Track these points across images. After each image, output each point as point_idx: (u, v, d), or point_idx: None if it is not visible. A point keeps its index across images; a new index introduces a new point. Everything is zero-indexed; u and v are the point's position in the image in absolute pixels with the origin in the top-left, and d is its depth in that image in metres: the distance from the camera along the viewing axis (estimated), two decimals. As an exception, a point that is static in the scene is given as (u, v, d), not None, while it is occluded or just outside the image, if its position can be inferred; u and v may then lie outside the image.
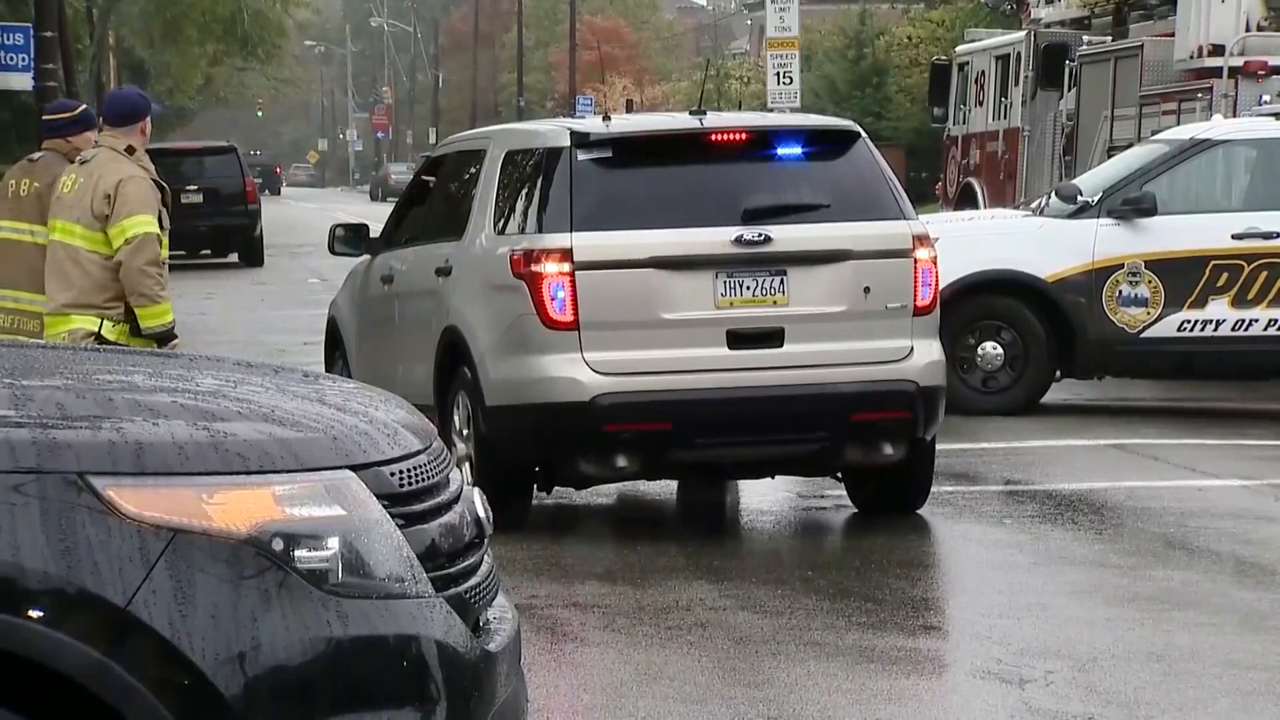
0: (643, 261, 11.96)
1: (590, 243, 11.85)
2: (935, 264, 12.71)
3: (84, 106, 14.43)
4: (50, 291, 12.06)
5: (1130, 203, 18.04)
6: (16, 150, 39.86)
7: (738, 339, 12.03)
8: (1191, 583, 11.65)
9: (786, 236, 12.09)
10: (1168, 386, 18.94)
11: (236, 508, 4.98)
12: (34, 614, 4.83)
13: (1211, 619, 10.76)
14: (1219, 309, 17.93)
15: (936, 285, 12.74)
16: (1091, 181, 19.35)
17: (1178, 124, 21.53)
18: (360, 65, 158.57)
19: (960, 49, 33.21)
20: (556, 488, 12.93)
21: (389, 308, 14.14)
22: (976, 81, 30.35)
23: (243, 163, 51.26)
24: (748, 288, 12.07)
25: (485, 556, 5.66)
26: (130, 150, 12.19)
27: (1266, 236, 17.94)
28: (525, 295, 11.91)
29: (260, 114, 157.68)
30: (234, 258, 48.21)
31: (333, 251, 15.02)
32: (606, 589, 11.22)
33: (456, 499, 5.58)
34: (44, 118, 14.58)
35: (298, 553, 4.98)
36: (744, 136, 13.30)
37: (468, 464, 12.32)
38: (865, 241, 12.34)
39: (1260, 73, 22.63)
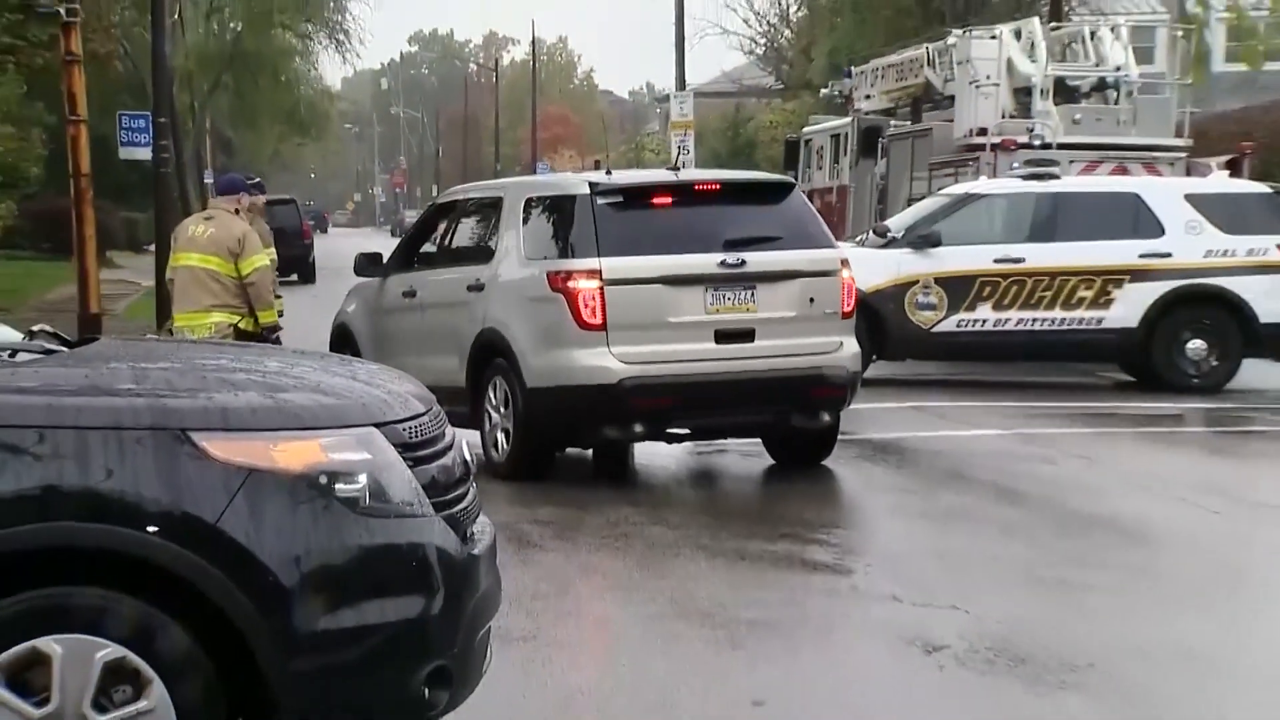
0: (652, 279, 11.69)
1: (613, 265, 11.58)
2: (854, 280, 12.58)
3: (258, 179, 16.44)
4: (196, 298, 12.97)
5: (924, 237, 18.12)
6: (143, 201, 39.52)
7: (722, 336, 11.84)
8: (966, 503, 11.70)
9: (756, 260, 11.88)
10: (950, 366, 19.01)
11: (294, 453, 5.03)
12: (151, 529, 4.86)
13: (979, 529, 10.83)
14: (985, 311, 18.03)
15: (855, 296, 12.60)
16: (897, 222, 19.39)
17: (955, 183, 21.60)
18: (383, 141, 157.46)
19: (805, 130, 33.13)
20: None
21: (412, 315, 13.69)
22: (817, 152, 30.36)
23: (300, 210, 50.78)
24: (729, 298, 11.87)
25: (471, 488, 5.68)
26: (236, 211, 13.25)
27: (1015, 260, 18.05)
28: (563, 304, 11.60)
29: (313, 175, 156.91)
30: (294, 277, 47.82)
31: (357, 274, 14.79)
32: (558, 511, 11.20)
33: (450, 447, 5.61)
34: (238, 185, 14.72)
35: (338, 485, 5.03)
36: (719, 186, 13.11)
37: (501, 432, 12.15)
38: (809, 264, 12.15)
39: (1011, 147, 22.74)
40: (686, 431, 12.32)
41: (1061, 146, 22.84)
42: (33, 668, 4.83)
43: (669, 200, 12.21)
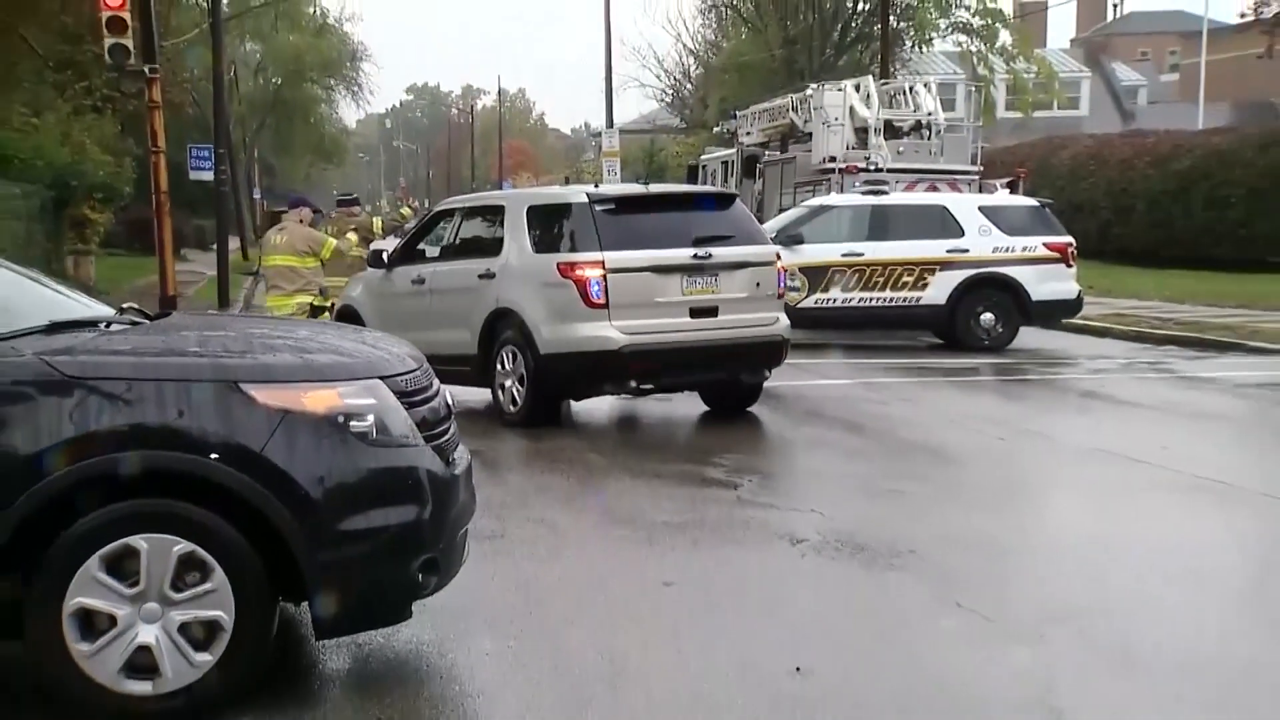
0: (643, 268, 11.36)
1: (613, 257, 11.25)
2: (784, 269, 12.45)
3: (355, 195, 18.01)
4: (283, 286, 14.24)
5: (791, 237, 18.08)
6: (208, 211, 39.09)
7: (694, 313, 11.56)
8: (823, 434, 11.76)
9: (719, 253, 11.64)
10: (812, 333, 19.00)
11: (319, 399, 5.01)
12: (214, 456, 4.84)
13: (832, 453, 10.88)
14: (836, 293, 18.07)
15: (784, 281, 12.46)
16: (771, 226, 19.25)
17: (813, 197, 21.64)
18: (388, 166, 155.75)
19: (703, 158, 33.12)
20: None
21: (421, 298, 13.07)
22: (711, 175, 30.32)
23: (326, 217, 49.93)
24: (699, 283, 11.58)
25: (452, 424, 5.65)
26: (302, 221, 14.65)
27: (856, 255, 18.09)
28: (572, 288, 11.25)
29: (334, 192, 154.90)
30: (322, 269, 47.47)
31: (369, 265, 14.48)
32: (519, 443, 11.19)
33: (436, 394, 5.59)
34: (338, 199, 17.26)
35: (352, 423, 5.02)
36: (684, 196, 13.02)
37: (514, 390, 11.76)
38: (755, 256, 11.94)
39: (853, 171, 22.83)
40: (650, 386, 11.97)
41: (890, 171, 22.98)
42: (126, 558, 4.83)
43: (649, 207, 11.94)
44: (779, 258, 12.28)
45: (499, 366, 11.97)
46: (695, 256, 11.58)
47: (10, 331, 5.03)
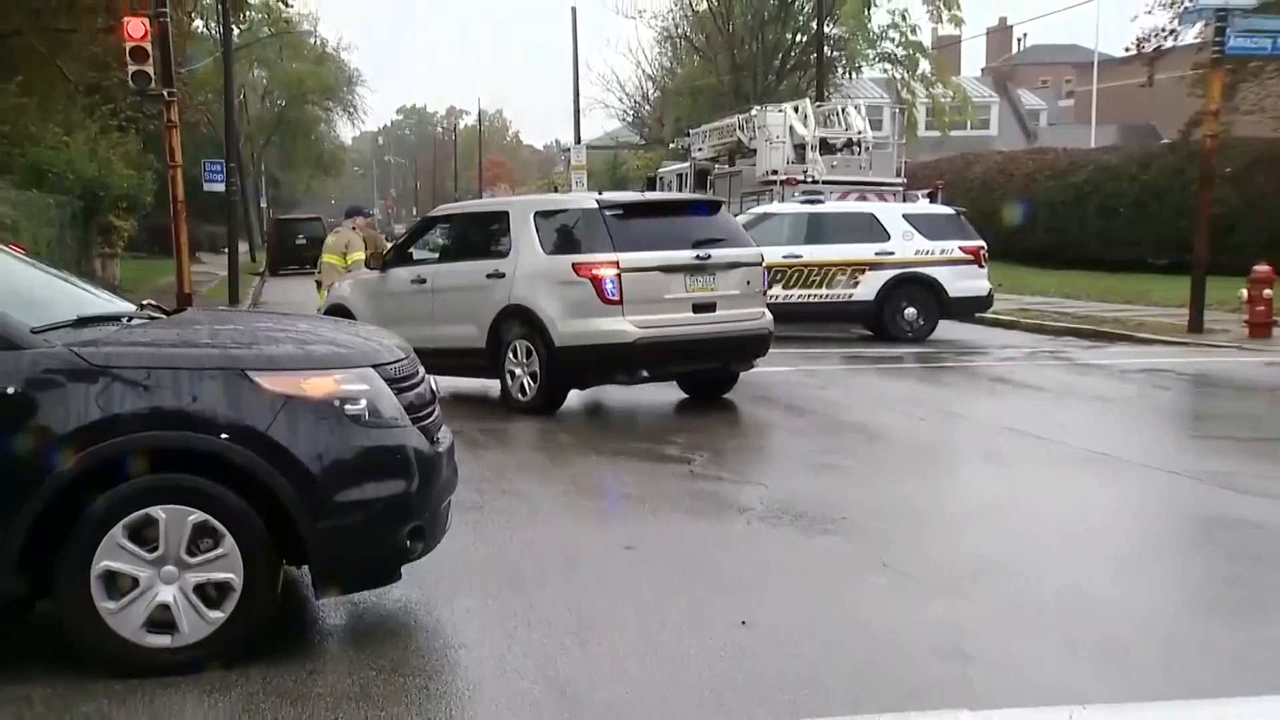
0: (652, 268, 11.14)
1: (627, 257, 11.02)
2: (766, 268, 12.34)
3: (371, 211, 18.30)
4: (323, 279, 15.45)
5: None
6: (220, 219, 38.77)
7: (696, 308, 11.39)
8: (767, 415, 11.77)
9: (717, 254, 11.48)
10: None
11: (317, 385, 4.97)
12: (224, 436, 4.80)
13: (776, 432, 10.91)
14: (778, 290, 18.01)
15: (767, 279, 12.38)
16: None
17: (758, 205, 21.66)
18: (380, 178, 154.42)
19: (660, 170, 33.07)
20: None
21: (423, 297, 12.58)
22: (668, 186, 30.29)
23: (324, 224, 49.49)
24: (699, 281, 11.40)
25: (436, 407, 5.61)
26: (354, 228, 15.68)
27: (796, 257, 18.12)
28: (588, 286, 10.98)
29: (333, 201, 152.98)
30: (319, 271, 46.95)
31: (365, 266, 14.31)
32: (497, 424, 11.13)
33: (422, 380, 5.56)
34: (361, 210, 17.51)
35: (347, 406, 4.98)
36: (684, 203, 12.87)
37: (526, 379, 11.51)
38: (745, 257, 11.78)
39: (793, 183, 22.89)
40: (646, 375, 11.59)
41: (825, 183, 23.06)
42: (146, 527, 4.80)
43: (651, 212, 11.75)
44: (762, 258, 12.13)
45: (510, 359, 11.68)
46: (697, 257, 11.41)
47: (43, 325, 4.99)
